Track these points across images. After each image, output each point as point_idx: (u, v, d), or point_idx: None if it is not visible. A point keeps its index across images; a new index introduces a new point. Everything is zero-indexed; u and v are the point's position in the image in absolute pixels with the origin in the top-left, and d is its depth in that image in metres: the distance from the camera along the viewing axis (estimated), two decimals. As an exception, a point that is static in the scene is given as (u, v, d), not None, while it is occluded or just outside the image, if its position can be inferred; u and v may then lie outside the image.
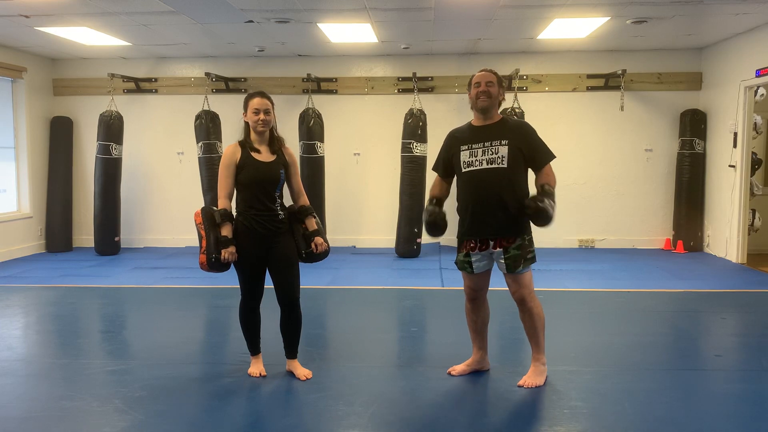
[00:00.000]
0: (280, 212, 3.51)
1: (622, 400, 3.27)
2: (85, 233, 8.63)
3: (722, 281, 6.33)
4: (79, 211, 8.67)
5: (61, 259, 7.78)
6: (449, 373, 3.64)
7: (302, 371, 3.63)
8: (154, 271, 7.04)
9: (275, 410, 3.27)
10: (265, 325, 3.70)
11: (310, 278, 6.55)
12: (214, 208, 3.49)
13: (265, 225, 3.45)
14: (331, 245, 3.65)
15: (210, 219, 3.45)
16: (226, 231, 3.42)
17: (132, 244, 8.63)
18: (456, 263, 3.55)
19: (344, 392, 3.40)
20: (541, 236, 7.97)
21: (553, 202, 3.29)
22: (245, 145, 3.51)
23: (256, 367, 3.65)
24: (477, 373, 3.65)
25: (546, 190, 3.32)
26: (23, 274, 6.87)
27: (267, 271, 3.55)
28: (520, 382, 3.45)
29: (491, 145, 3.34)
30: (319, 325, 5.13)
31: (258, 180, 3.45)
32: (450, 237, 8.38)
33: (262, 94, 3.53)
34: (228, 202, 3.48)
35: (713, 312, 5.28)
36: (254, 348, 3.68)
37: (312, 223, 3.61)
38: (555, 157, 3.41)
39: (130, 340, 4.57)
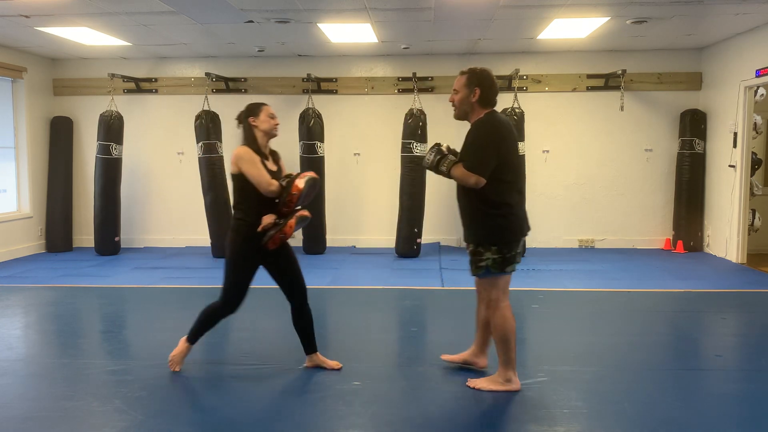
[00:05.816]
0: None
1: (622, 400, 3.27)
2: (85, 233, 8.63)
3: (722, 281, 6.33)
4: (79, 211, 8.66)
5: (61, 259, 7.78)
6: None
7: (333, 362, 3.75)
8: (154, 271, 7.04)
9: (275, 410, 3.27)
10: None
11: (311, 278, 6.53)
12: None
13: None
14: (331, 245, 3.67)
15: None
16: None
17: (132, 244, 8.64)
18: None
19: (344, 392, 3.40)
20: (540, 236, 8.14)
21: (438, 161, 3.29)
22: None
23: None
24: (477, 373, 3.65)
25: (444, 152, 3.32)
26: (23, 274, 6.87)
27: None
28: (471, 383, 3.42)
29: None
30: (319, 325, 5.11)
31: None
32: (450, 237, 8.47)
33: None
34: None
35: (713, 312, 5.28)
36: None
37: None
38: (472, 166, 3.19)
39: (130, 340, 4.57)
